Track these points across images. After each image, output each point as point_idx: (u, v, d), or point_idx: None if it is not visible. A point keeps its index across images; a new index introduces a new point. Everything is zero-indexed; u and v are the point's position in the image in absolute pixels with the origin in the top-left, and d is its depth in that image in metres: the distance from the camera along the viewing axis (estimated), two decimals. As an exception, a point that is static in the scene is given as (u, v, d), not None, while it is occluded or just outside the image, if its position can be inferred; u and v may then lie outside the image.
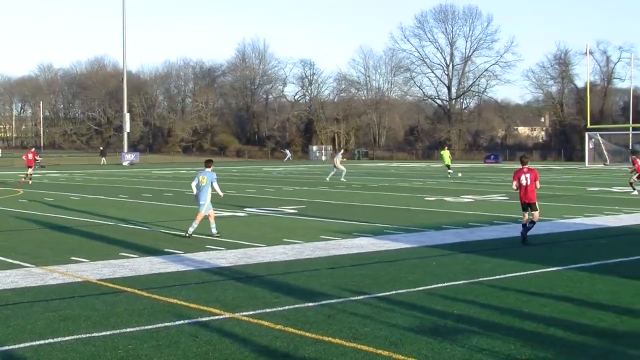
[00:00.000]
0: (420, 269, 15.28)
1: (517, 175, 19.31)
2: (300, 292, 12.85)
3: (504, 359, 8.97)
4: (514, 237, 20.22)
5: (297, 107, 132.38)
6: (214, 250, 17.84)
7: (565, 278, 14.33)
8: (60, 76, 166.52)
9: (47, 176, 38.64)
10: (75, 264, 15.80)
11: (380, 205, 30.36)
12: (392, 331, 10.18)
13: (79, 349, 9.34)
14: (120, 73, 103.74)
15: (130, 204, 31.74)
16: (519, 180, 19.24)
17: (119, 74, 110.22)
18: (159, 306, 11.82)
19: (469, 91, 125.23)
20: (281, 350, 9.29)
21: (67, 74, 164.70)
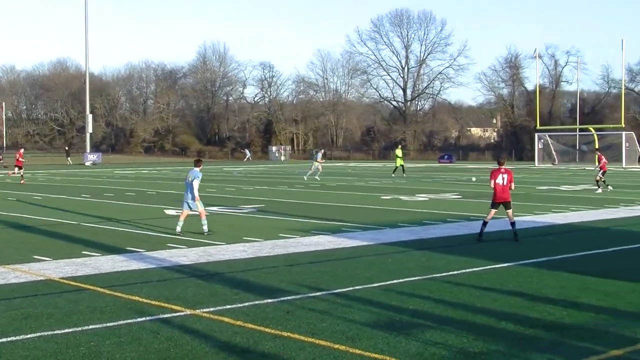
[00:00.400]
0: (376, 266, 15.33)
1: (495, 175, 19.32)
2: (260, 289, 12.84)
3: (457, 352, 9.03)
4: (467, 235, 20.37)
5: (256, 109, 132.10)
6: (175, 248, 17.75)
7: (515, 274, 14.46)
8: (22, 78, 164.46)
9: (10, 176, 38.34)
10: (38, 263, 15.65)
11: (337, 204, 30.40)
12: (349, 326, 10.20)
13: (41, 347, 9.25)
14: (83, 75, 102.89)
15: (93, 203, 31.47)
16: (495, 180, 19.31)
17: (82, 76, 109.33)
18: (121, 303, 11.74)
19: (424, 93, 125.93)
20: (241, 346, 9.28)
21: (29, 75, 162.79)
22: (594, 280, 13.79)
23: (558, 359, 8.75)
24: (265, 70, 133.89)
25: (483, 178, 51.15)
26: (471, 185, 43.36)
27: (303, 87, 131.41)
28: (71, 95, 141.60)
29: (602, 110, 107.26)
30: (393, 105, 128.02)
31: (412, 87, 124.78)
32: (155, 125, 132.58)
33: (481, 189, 39.43)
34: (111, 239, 19.47)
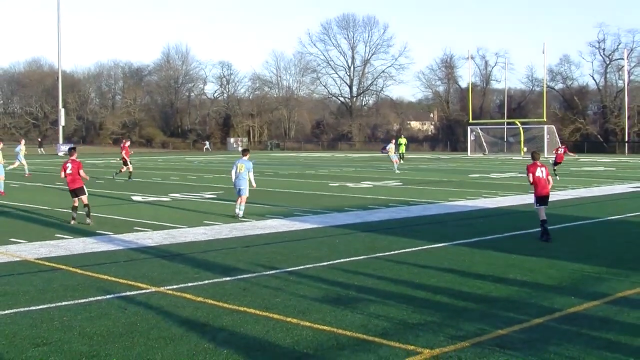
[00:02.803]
0: (325, 246, 15.36)
1: (533, 169, 16.95)
2: (219, 268, 12.81)
3: (398, 323, 9.10)
4: (407, 218, 20.49)
5: (216, 104, 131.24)
6: (141, 231, 17.61)
7: (450, 253, 14.60)
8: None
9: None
10: (14, 245, 15.43)
11: (290, 191, 30.38)
12: (300, 301, 10.22)
13: (18, 321, 9.14)
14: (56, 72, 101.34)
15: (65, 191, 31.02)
16: (534, 174, 16.90)
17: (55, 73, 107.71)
18: (91, 282, 11.63)
19: (368, 90, 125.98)
20: (202, 320, 9.25)
21: (6, 72, 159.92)
22: (519, 258, 13.98)
23: (487, 328, 8.86)
24: (224, 68, 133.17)
25: (422, 167, 51.42)
26: (410, 173, 43.57)
27: (259, 84, 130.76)
28: (45, 91, 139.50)
29: (527, 105, 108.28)
30: (340, 100, 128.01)
31: (357, 84, 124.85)
32: (123, 118, 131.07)
33: (420, 177, 39.69)
34: (81, 223, 19.21)
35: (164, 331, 8.74)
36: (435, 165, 55.67)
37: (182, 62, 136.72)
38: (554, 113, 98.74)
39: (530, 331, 8.82)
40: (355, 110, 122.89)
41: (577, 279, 12.05)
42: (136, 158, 72.20)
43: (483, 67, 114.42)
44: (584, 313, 9.74)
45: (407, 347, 8.10)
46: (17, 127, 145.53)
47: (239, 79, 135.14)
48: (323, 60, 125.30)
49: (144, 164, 57.22)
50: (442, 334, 8.63)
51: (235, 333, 8.67)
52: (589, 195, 28.25)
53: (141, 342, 8.29)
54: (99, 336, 8.53)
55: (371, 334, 8.61)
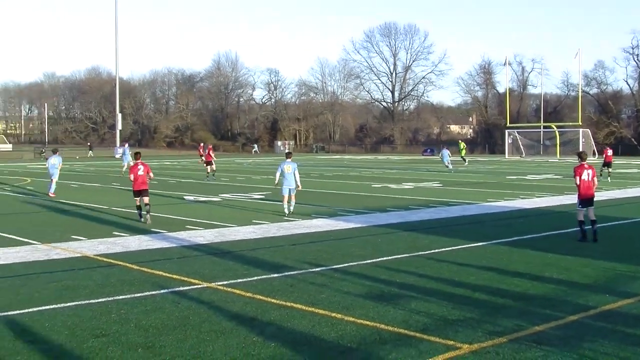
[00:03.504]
0: (368, 245, 15.32)
1: (580, 171, 16.27)
2: (267, 265, 12.84)
3: (438, 319, 9.05)
4: (447, 218, 20.36)
5: (264, 109, 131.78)
6: (194, 230, 17.74)
7: (489, 251, 14.47)
8: (62, 82, 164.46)
9: None
10: (75, 242, 15.65)
11: (334, 192, 30.38)
12: (344, 297, 10.21)
13: (78, 314, 9.27)
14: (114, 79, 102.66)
15: (121, 190, 31.42)
16: (581, 176, 16.26)
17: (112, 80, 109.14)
18: (147, 277, 11.75)
19: (409, 95, 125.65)
20: (251, 314, 9.29)
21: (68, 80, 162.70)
22: (555, 256, 13.80)
23: (524, 324, 8.76)
24: (271, 75, 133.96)
25: (461, 169, 51.10)
26: (450, 175, 43.30)
27: (304, 90, 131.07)
28: (103, 97, 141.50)
29: (563, 110, 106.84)
30: (383, 105, 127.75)
31: (399, 89, 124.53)
32: (176, 123, 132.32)
33: (459, 179, 39.42)
34: (138, 221, 19.44)
35: (214, 325, 8.79)
36: (473, 167, 55.22)
37: (232, 69, 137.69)
38: (588, 117, 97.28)
39: (566, 328, 8.70)
40: (397, 114, 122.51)
41: (611, 278, 11.86)
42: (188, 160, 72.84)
43: (520, 73, 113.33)
44: (619, 311, 9.58)
45: (446, 342, 8.05)
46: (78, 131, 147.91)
47: (286, 85, 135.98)
48: (366, 67, 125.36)
49: (196, 166, 57.64)
50: (481, 330, 8.55)
51: (282, 327, 8.69)
52: (624, 196, 27.78)
53: (193, 335, 8.35)
54: (153, 328, 8.61)
55: (412, 329, 8.57)
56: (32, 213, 22.16)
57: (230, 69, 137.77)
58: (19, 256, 13.81)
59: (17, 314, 9.29)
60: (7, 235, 16.70)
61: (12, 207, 23.87)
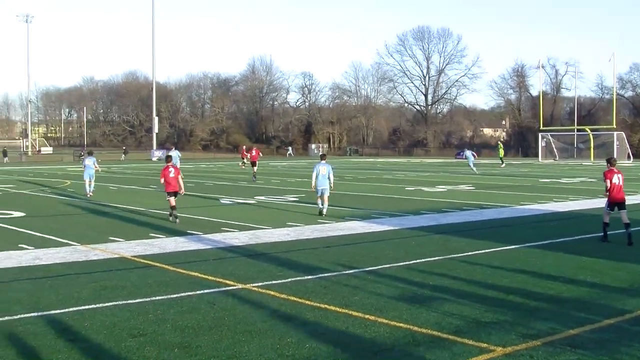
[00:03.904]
0: (401, 247, 15.28)
1: (610, 175, 16.22)
2: (301, 267, 12.86)
3: (471, 322, 8.99)
4: (480, 221, 20.24)
5: (298, 112, 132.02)
6: (229, 232, 17.82)
7: (522, 254, 14.35)
8: (100, 86, 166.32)
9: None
10: (113, 243, 15.80)
11: (368, 194, 30.33)
12: (378, 299, 10.19)
13: (116, 313, 9.36)
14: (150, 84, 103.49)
15: (158, 193, 31.65)
16: (611, 180, 16.20)
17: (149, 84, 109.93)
18: (183, 278, 11.83)
19: (442, 98, 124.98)
20: (286, 316, 9.31)
21: (106, 84, 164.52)
22: (589, 260, 13.65)
23: (558, 327, 8.67)
24: (305, 78, 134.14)
25: (495, 172, 50.75)
26: (484, 178, 43.03)
27: (338, 93, 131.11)
28: (140, 100, 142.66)
29: (597, 113, 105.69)
30: (416, 108, 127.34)
31: (432, 93, 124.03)
32: (212, 126, 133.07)
33: (492, 182, 39.16)
34: (174, 223, 19.57)
35: (249, 325, 8.82)
36: (507, 170, 54.80)
37: (267, 73, 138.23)
38: (623, 120, 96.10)
39: (601, 331, 8.60)
40: (430, 117, 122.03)
41: (647, 282, 11.69)
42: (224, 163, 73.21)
43: (553, 76, 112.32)
44: (655, 315, 9.45)
45: (480, 345, 8.00)
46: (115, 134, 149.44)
47: (320, 89, 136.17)
48: (399, 70, 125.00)
49: (232, 169, 57.94)
50: (514, 333, 8.48)
51: (316, 328, 8.70)
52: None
53: (229, 336, 8.39)
54: (190, 329, 8.67)
55: (445, 332, 8.53)
56: (72, 215, 22.42)
57: (265, 73, 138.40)
58: (59, 257, 13.98)
59: (58, 313, 9.41)
60: (48, 236, 16.92)
61: (53, 209, 24.18)
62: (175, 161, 44.92)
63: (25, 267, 12.94)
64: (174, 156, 46.19)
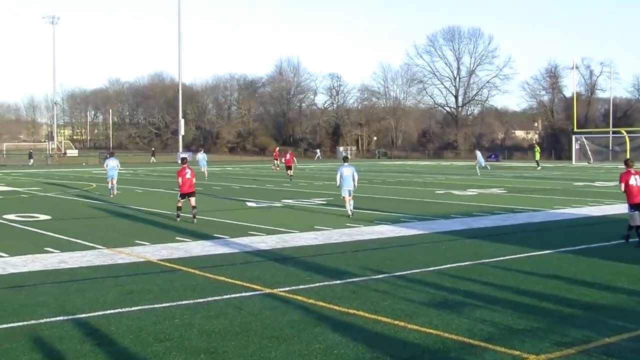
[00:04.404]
0: (431, 252, 15.23)
1: (626, 178, 16.41)
2: (329, 272, 12.85)
3: (503, 328, 8.93)
4: (512, 225, 20.12)
5: (326, 114, 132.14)
6: (256, 235, 17.86)
7: (555, 260, 14.23)
8: (126, 88, 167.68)
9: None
10: (139, 247, 15.91)
11: (397, 198, 30.27)
12: (407, 305, 10.16)
13: (142, 318, 9.41)
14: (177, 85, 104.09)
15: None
16: (627, 182, 16.38)
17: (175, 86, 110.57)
18: (209, 282, 11.87)
19: (473, 100, 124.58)
20: (313, 321, 9.30)
21: (132, 86, 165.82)
22: (625, 266, 13.50)
23: (594, 335, 8.58)
24: (333, 80, 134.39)
25: (527, 175, 50.44)
26: (515, 181, 42.77)
27: (367, 95, 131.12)
28: (166, 102, 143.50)
29: (633, 114, 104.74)
30: (446, 110, 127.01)
31: (462, 94, 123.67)
32: (238, 128, 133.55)
33: (525, 185, 38.90)
34: (200, 226, 19.69)
35: (277, 331, 8.83)
36: (539, 173, 54.41)
37: (294, 74, 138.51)
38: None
39: (639, 340, 8.49)
40: (461, 119, 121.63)
41: (686, 289, 11.53)
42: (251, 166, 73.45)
43: (588, 77, 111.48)
44: (694, 323, 9.31)
45: (512, 352, 7.93)
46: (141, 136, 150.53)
47: (348, 90, 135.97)
48: (429, 71, 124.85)
49: (258, 172, 58.13)
50: (548, 340, 8.40)
51: (345, 334, 8.68)
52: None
53: (256, 341, 8.40)
54: (216, 334, 8.69)
55: (477, 339, 8.48)
56: (97, 218, 22.61)
57: (292, 74, 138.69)
58: (84, 260, 14.10)
59: (84, 317, 9.49)
60: (74, 239, 17.08)
61: (78, 212, 24.40)
62: (202, 163, 47.01)
63: (50, 270, 13.07)
64: (201, 158, 48.38)
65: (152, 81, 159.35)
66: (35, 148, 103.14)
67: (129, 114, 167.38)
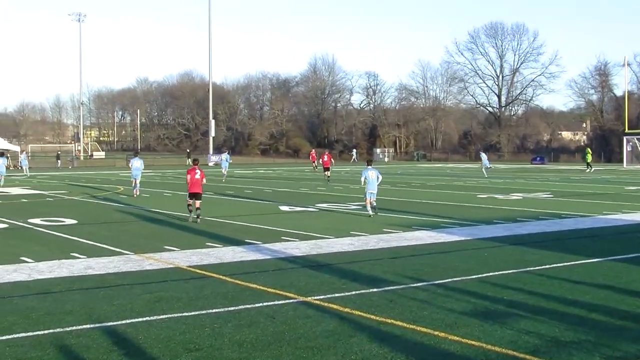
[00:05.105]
0: (473, 259, 15.15)
1: None
2: (365, 279, 12.84)
3: (549, 341, 8.85)
4: (558, 231, 19.94)
5: (362, 114, 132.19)
6: (289, 241, 17.90)
7: (605, 268, 14.08)
8: (154, 88, 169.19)
9: (142, 175, 39.15)
10: (168, 252, 16.02)
11: (437, 202, 30.16)
12: (447, 315, 10.12)
13: (171, 327, 9.48)
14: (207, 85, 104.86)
15: (215, 199, 32.02)
16: None
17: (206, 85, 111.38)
18: (241, 290, 11.92)
19: (517, 99, 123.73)
20: (349, 331, 9.29)
21: (160, 85, 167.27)
22: (681, 275, 13.32)
23: (646, 349, 8.48)
24: (370, 79, 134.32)
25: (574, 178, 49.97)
26: (562, 185, 42.39)
27: (405, 94, 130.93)
28: (196, 102, 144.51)
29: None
30: (488, 110, 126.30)
31: (506, 93, 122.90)
32: (271, 129, 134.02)
33: (572, 189, 38.55)
34: (231, 232, 19.79)
35: (311, 341, 8.84)
36: (589, 177, 53.86)
37: (329, 73, 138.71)
38: None
39: (694, 354, 8.38)
40: (504, 120, 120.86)
41: None
42: (284, 168, 73.63)
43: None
44: None
45: (560, 366, 7.87)
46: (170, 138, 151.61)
47: (385, 89, 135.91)
48: (470, 70, 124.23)
49: (291, 175, 58.26)
50: (598, 354, 8.31)
51: (382, 345, 8.66)
52: None
53: (289, 352, 8.41)
54: (248, 344, 8.72)
55: (521, 351, 8.41)
56: (125, 222, 22.82)
57: (327, 73, 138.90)
58: (112, 266, 14.24)
59: (112, 325, 9.58)
60: (100, 244, 17.26)
61: (105, 216, 24.65)
62: (223, 165, 48.79)
63: (77, 276, 13.22)
64: (224, 159, 50.26)
65: (182, 80, 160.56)
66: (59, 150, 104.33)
67: (157, 114, 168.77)
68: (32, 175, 59.29)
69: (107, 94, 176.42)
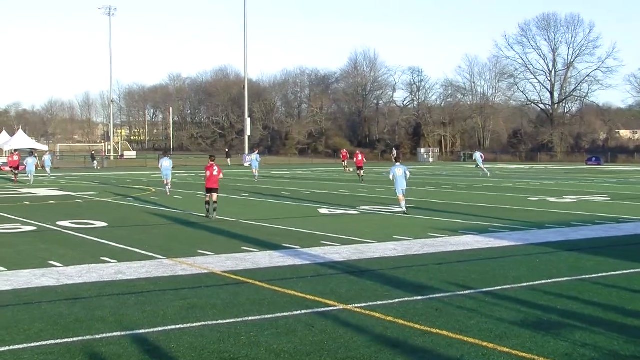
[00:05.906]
0: (524, 266, 15.03)
1: None
2: (410, 286, 12.80)
3: (607, 354, 8.74)
4: (616, 237, 19.72)
5: (405, 112, 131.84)
6: (329, 245, 17.91)
7: (667, 276, 13.89)
8: (187, 84, 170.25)
9: (175, 176, 39.23)
10: (202, 257, 16.11)
11: (485, 205, 29.99)
12: (497, 325, 10.05)
13: (205, 335, 9.52)
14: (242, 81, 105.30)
15: (251, 201, 32.17)
16: None
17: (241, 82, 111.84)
18: (278, 297, 11.94)
19: (571, 96, 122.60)
20: (392, 341, 9.27)
21: (194, 82, 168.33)
22: None
23: None
24: (414, 74, 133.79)
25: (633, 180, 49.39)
26: (620, 187, 41.91)
27: (451, 91, 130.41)
28: (231, 100, 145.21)
29: None
30: (540, 108, 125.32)
31: (559, 90, 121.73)
32: (309, 128, 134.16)
33: (631, 192, 38.09)
34: (268, 235, 19.85)
35: (352, 351, 8.82)
36: (648, 178, 53.19)
37: (370, 69, 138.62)
38: None
39: None
40: (557, 118, 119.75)
41: None
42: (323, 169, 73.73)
43: None
44: None
45: (618, 380, 7.77)
46: (204, 137, 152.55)
47: (430, 86, 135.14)
48: (521, 65, 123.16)
49: (330, 176, 58.31)
50: (659, 368, 8.21)
51: (427, 356, 8.63)
52: None
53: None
54: (286, 354, 8.74)
55: (577, 364, 8.33)
56: (157, 225, 23.01)
57: (369, 69, 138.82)
58: (143, 271, 14.36)
59: (143, 332, 9.65)
60: (132, 248, 17.42)
61: (136, 219, 24.88)
62: (254, 165, 50.50)
63: (107, 282, 13.34)
64: (254, 159, 51.92)
65: (216, 77, 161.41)
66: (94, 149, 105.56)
67: (190, 112, 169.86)
68: (60, 175, 60.00)
69: (138, 91, 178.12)
